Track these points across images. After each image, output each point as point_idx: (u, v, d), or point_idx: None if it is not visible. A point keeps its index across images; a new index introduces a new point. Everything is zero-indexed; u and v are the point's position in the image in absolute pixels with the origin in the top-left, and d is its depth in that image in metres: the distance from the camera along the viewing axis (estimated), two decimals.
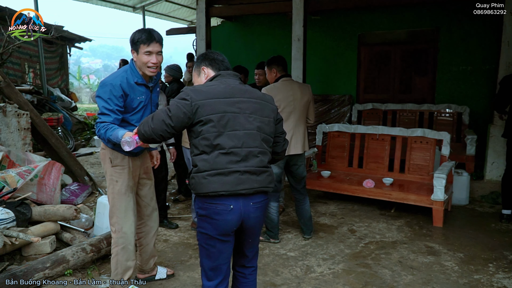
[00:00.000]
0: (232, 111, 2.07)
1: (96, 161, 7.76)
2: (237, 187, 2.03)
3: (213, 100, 2.06)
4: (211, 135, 2.03)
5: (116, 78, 2.67)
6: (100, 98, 2.64)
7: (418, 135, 5.16)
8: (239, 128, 2.07)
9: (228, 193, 2.02)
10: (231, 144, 2.04)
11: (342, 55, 8.15)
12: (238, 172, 2.04)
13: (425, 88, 7.73)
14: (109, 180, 2.86)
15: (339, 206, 5.16)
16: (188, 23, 12.19)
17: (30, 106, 5.16)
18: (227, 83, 2.16)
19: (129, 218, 2.87)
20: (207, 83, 2.18)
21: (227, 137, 2.04)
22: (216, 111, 2.04)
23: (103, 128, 2.61)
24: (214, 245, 2.11)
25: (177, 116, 2.04)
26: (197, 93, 2.07)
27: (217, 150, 2.04)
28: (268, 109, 2.21)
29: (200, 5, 6.89)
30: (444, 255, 3.72)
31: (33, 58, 10.60)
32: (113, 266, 2.88)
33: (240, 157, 2.05)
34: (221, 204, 2.04)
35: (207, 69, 2.29)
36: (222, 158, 2.03)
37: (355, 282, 3.24)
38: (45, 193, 4.13)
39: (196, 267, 3.48)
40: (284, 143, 2.35)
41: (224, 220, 2.05)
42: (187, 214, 4.81)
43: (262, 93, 2.27)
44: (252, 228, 2.17)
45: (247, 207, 2.08)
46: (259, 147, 2.12)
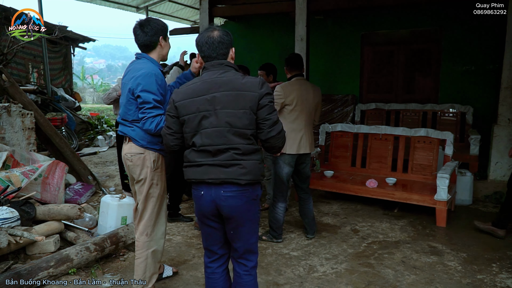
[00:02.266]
0: (205, 109, 2.14)
1: (100, 161, 7.79)
2: (204, 176, 2.19)
3: (188, 101, 2.17)
4: (188, 135, 2.21)
5: (152, 68, 2.65)
6: (147, 92, 2.56)
7: (421, 135, 5.15)
8: (209, 126, 2.15)
9: (197, 181, 2.22)
10: (200, 143, 2.16)
11: (345, 55, 8.14)
12: (207, 165, 2.18)
13: (429, 88, 7.70)
14: (148, 185, 2.75)
15: (342, 206, 5.16)
16: (191, 23, 12.21)
17: (34, 106, 5.19)
18: (205, 78, 2.19)
19: (163, 220, 2.88)
20: (190, 82, 2.27)
21: (200, 136, 2.17)
22: (190, 112, 2.17)
23: (162, 121, 2.56)
24: (202, 226, 2.35)
25: (170, 121, 2.25)
26: (176, 95, 2.22)
27: (192, 147, 2.22)
28: (245, 99, 2.11)
29: (203, 5, 6.90)
30: (447, 255, 3.71)
31: (37, 58, 10.64)
32: (141, 270, 2.81)
33: (210, 154, 2.17)
34: (196, 190, 2.25)
35: (198, 55, 2.35)
36: (194, 154, 2.21)
37: (358, 282, 3.24)
38: (49, 192, 4.16)
39: (199, 267, 3.49)
40: (269, 130, 2.18)
41: (199, 204, 2.27)
42: (190, 214, 4.82)
43: (244, 81, 2.14)
44: (230, 218, 2.23)
45: (218, 195, 2.19)
46: (227, 144, 2.14)
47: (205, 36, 2.21)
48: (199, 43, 2.24)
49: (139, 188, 2.79)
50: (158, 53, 2.76)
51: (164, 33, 2.73)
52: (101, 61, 66.99)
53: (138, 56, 2.76)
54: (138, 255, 2.83)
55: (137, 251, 2.84)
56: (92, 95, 24.50)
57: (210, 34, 2.21)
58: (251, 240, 2.31)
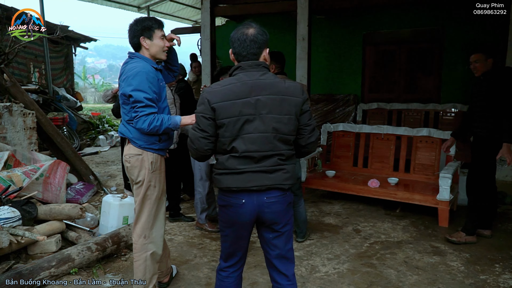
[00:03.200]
0: (248, 113, 2.01)
1: (101, 161, 7.79)
2: (247, 183, 2.06)
3: (228, 103, 2.01)
4: (226, 139, 2.05)
5: (144, 66, 2.60)
6: (139, 90, 2.53)
7: (423, 135, 5.13)
8: (254, 131, 2.02)
9: (239, 189, 2.08)
10: (244, 148, 2.03)
11: (347, 54, 8.13)
12: (249, 172, 2.06)
13: (431, 88, 7.69)
14: (145, 187, 2.71)
15: (344, 206, 5.14)
16: (192, 23, 12.21)
17: (35, 105, 5.19)
18: (245, 79, 2.04)
19: (161, 222, 2.83)
20: (225, 81, 2.09)
21: (242, 140, 2.03)
22: (231, 115, 2.01)
23: (155, 120, 2.53)
24: (229, 232, 2.21)
25: (205, 124, 2.05)
26: (213, 95, 2.03)
27: (229, 154, 2.06)
28: (289, 104, 2.06)
29: (205, 5, 6.89)
30: (449, 255, 3.70)
31: (39, 58, 10.65)
32: (141, 272, 2.76)
33: (253, 160, 2.06)
34: (234, 198, 2.10)
35: (231, 53, 2.15)
36: (233, 160, 2.06)
37: (360, 282, 3.22)
38: (50, 192, 4.15)
39: (201, 267, 3.48)
40: (309, 136, 2.17)
41: (237, 212, 2.12)
42: (191, 214, 4.82)
43: (287, 85, 2.09)
44: (271, 224, 2.15)
45: (261, 201, 2.09)
46: (273, 150, 2.07)
47: (238, 32, 2.10)
48: (232, 38, 2.12)
49: (136, 190, 2.74)
50: (146, 52, 2.70)
51: (145, 33, 2.65)
52: (102, 61, 67.05)
53: (130, 55, 2.73)
54: (137, 257, 2.78)
55: (135, 254, 2.80)
56: (93, 95, 24.52)
57: (244, 30, 2.09)
58: (288, 246, 2.24)
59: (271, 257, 2.23)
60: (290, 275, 2.24)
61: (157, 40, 2.68)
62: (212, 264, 3.54)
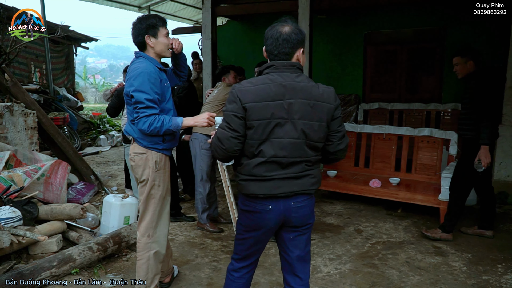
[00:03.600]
0: (279, 116, 1.92)
1: (102, 161, 7.79)
2: (275, 190, 2.00)
3: (261, 104, 1.91)
4: (255, 142, 1.96)
5: (147, 66, 2.58)
6: (140, 91, 2.51)
7: (425, 135, 5.12)
8: (284, 136, 1.94)
9: (265, 196, 2.01)
10: (272, 153, 1.95)
11: (348, 54, 8.12)
12: (277, 179, 2.00)
13: (432, 88, 7.67)
14: (149, 186, 2.70)
15: (345, 206, 5.13)
16: (193, 22, 12.20)
17: (36, 105, 5.19)
18: (279, 81, 1.95)
19: (166, 222, 2.83)
20: (257, 80, 1.97)
21: (270, 144, 1.95)
22: (262, 117, 1.92)
23: (156, 121, 2.52)
24: (249, 237, 2.16)
25: (237, 123, 1.94)
26: (245, 94, 1.92)
27: (257, 158, 1.98)
28: (322, 111, 1.98)
29: (206, 5, 6.89)
30: (452, 256, 3.69)
31: (40, 57, 10.66)
32: (143, 271, 2.76)
33: (280, 166, 1.99)
34: (260, 204, 2.03)
35: (264, 51, 2.06)
36: (260, 167, 1.98)
37: (362, 283, 3.21)
38: (51, 192, 4.15)
39: (202, 267, 3.47)
40: (339, 143, 2.10)
41: (262, 218, 2.06)
42: (192, 214, 4.81)
43: (321, 90, 2.01)
44: (294, 226, 2.12)
45: (288, 207, 2.05)
46: (302, 157, 2.00)
47: (273, 29, 2.01)
48: (266, 35, 2.03)
49: (141, 189, 2.75)
50: (151, 51, 2.69)
51: (150, 31, 2.63)
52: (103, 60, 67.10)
53: (136, 55, 2.73)
54: (140, 256, 2.79)
55: (138, 253, 2.80)
56: (94, 95, 24.54)
57: (279, 28, 2.00)
58: (307, 248, 2.21)
59: (291, 259, 2.18)
60: (306, 278, 2.21)
61: (162, 38, 2.67)
62: (214, 264, 3.54)
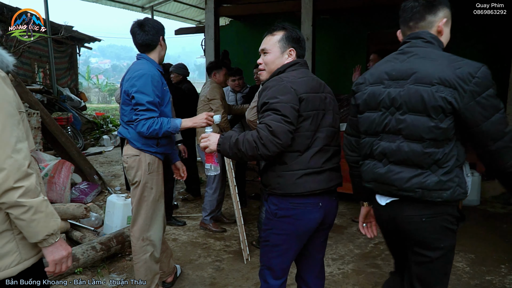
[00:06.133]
0: (323, 107, 1.98)
1: (105, 160, 7.81)
2: (329, 184, 1.99)
3: (312, 95, 1.93)
4: (310, 133, 1.93)
5: (149, 69, 2.59)
6: (142, 93, 2.51)
7: None
8: (329, 126, 2.00)
9: (321, 191, 1.96)
10: (323, 141, 1.96)
11: (351, 54, 8.11)
12: (328, 170, 2.00)
13: None
14: (142, 188, 2.68)
15: (348, 206, 5.13)
16: (196, 23, 12.22)
17: (40, 105, 5.21)
18: (311, 76, 2.04)
19: (159, 225, 2.80)
20: (298, 73, 1.98)
21: (321, 133, 1.96)
22: (315, 107, 1.94)
23: (155, 123, 2.52)
24: (292, 244, 2.04)
25: (295, 116, 1.86)
26: (298, 86, 1.90)
27: (312, 148, 1.94)
28: (337, 105, 2.13)
29: (209, 5, 6.89)
30: (455, 256, 3.67)
31: (43, 58, 10.70)
32: (142, 273, 2.75)
33: (328, 155, 2.00)
34: (311, 203, 1.97)
35: (295, 53, 2.08)
36: (317, 157, 1.94)
37: (365, 283, 3.21)
38: (55, 191, 4.16)
39: (205, 266, 3.48)
40: None
41: (310, 219, 1.99)
42: (195, 213, 4.82)
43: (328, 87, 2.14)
44: (328, 225, 2.14)
45: (331, 203, 2.07)
46: (339, 145, 2.09)
47: (299, 32, 2.13)
48: (300, 37, 2.10)
49: (133, 191, 2.72)
50: (158, 53, 2.71)
51: (164, 33, 2.71)
52: (106, 61, 67.31)
53: (138, 57, 2.73)
54: (136, 259, 2.77)
55: (134, 256, 2.78)
56: (97, 95, 24.64)
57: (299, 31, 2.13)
58: (326, 248, 2.25)
59: (316, 262, 2.19)
60: (324, 280, 2.26)
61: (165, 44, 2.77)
62: (216, 264, 3.54)
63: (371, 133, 1.81)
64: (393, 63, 1.77)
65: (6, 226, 1.40)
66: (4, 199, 1.32)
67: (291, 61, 2.06)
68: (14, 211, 1.34)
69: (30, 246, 1.45)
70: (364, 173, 1.89)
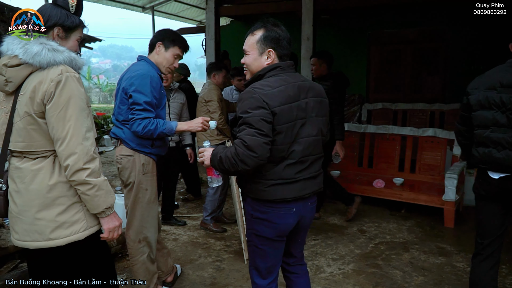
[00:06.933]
0: (301, 116, 1.94)
1: (106, 160, 7.82)
2: (301, 192, 2.01)
3: (286, 107, 1.89)
4: (285, 146, 1.92)
5: (149, 70, 2.59)
6: (139, 93, 2.50)
7: (429, 135, 5.11)
8: (308, 135, 1.97)
9: (293, 199, 1.99)
10: (300, 153, 1.96)
11: (352, 54, 8.11)
12: (303, 180, 2.01)
13: (436, 88, 7.65)
14: (136, 189, 2.67)
15: (348, 206, 5.12)
16: (197, 23, 12.21)
17: None
18: (292, 81, 1.96)
19: (154, 226, 2.79)
20: (274, 82, 1.92)
21: (298, 145, 1.95)
22: (289, 120, 1.90)
23: (150, 124, 2.51)
24: (271, 246, 2.09)
25: (268, 128, 1.85)
26: (271, 98, 1.86)
27: (287, 160, 1.94)
28: (325, 106, 2.09)
29: (209, 5, 6.90)
30: (455, 256, 3.68)
31: None
32: (141, 274, 2.75)
33: (306, 165, 2.00)
34: (284, 208, 1.99)
35: (274, 53, 2.01)
36: (290, 169, 1.95)
37: (365, 283, 3.21)
38: None
39: (205, 266, 3.48)
40: (328, 136, 2.26)
41: (283, 223, 2.02)
42: (196, 213, 4.82)
43: (319, 86, 2.08)
44: (305, 227, 2.18)
45: (305, 208, 2.08)
46: (320, 153, 2.08)
47: (282, 29, 2.03)
48: (281, 36, 2.00)
49: (127, 193, 2.70)
50: (154, 57, 2.70)
51: (165, 40, 2.67)
52: (107, 61, 67.39)
53: (138, 58, 2.74)
54: (134, 261, 2.77)
55: (131, 258, 2.78)
56: (98, 95, 24.67)
57: (283, 29, 2.04)
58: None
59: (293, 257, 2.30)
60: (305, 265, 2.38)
61: (170, 55, 2.70)
62: (217, 264, 3.54)
63: (483, 126, 2.30)
64: (503, 74, 2.29)
65: (76, 199, 1.72)
66: (75, 177, 1.64)
67: (271, 64, 2.00)
68: (81, 188, 1.67)
69: (93, 216, 1.78)
70: (480, 157, 2.35)
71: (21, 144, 1.69)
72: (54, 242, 1.70)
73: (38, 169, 1.69)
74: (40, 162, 1.69)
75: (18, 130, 1.69)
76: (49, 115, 1.64)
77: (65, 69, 1.67)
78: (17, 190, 1.73)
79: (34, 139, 1.67)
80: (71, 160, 1.63)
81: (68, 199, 1.71)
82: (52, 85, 1.62)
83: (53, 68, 1.66)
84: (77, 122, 1.64)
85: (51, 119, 1.64)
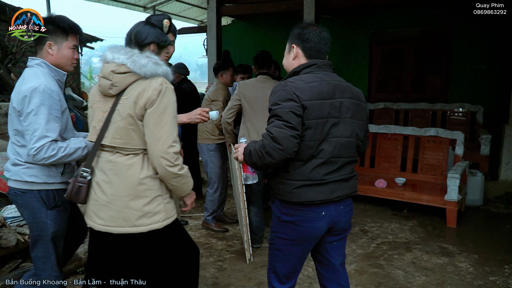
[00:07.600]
0: (334, 115, 1.89)
1: None
2: (331, 195, 1.94)
3: (318, 102, 1.85)
4: (315, 143, 1.87)
5: None
6: None
7: (431, 135, 5.09)
8: (340, 135, 1.92)
9: (322, 202, 1.93)
10: (330, 153, 1.90)
11: (353, 54, 8.09)
12: (333, 182, 1.94)
13: (438, 87, 7.63)
14: None
15: None
16: (198, 22, 12.20)
17: None
18: (327, 79, 1.93)
19: None
20: (307, 78, 1.91)
21: (328, 144, 1.89)
22: (321, 116, 1.86)
23: None
24: (295, 250, 2.03)
25: (297, 121, 1.82)
26: (302, 92, 1.84)
27: (316, 159, 1.89)
28: (363, 110, 2.04)
29: (211, 4, 6.89)
30: (458, 256, 3.66)
31: None
32: None
33: (336, 166, 1.94)
34: (312, 212, 1.94)
35: (297, 48, 2.03)
36: (319, 169, 1.90)
37: (367, 283, 3.20)
38: None
39: (207, 266, 3.47)
40: (367, 142, 2.18)
41: (312, 227, 1.96)
42: (197, 213, 4.81)
43: (357, 90, 2.05)
44: (340, 230, 2.07)
45: (338, 211, 2.00)
46: (353, 156, 2.02)
47: (310, 29, 2.03)
48: (304, 35, 2.01)
49: None
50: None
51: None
52: None
53: None
54: None
55: None
56: None
57: (315, 28, 2.04)
58: (344, 252, 2.18)
59: (334, 267, 2.12)
60: (348, 286, 2.16)
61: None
62: (219, 264, 3.53)
63: None
64: None
65: (159, 192, 1.96)
66: (169, 172, 1.89)
67: (308, 62, 1.99)
68: (174, 180, 1.93)
69: (170, 209, 2.02)
70: None
71: (119, 141, 1.90)
72: (138, 228, 1.92)
73: (131, 164, 1.91)
74: (132, 158, 1.91)
75: (117, 128, 1.89)
76: (148, 118, 1.85)
77: (164, 80, 1.90)
78: (108, 181, 1.93)
79: (131, 137, 1.89)
80: (166, 158, 1.86)
81: (153, 192, 1.94)
82: (154, 93, 1.85)
83: (155, 79, 1.88)
84: (170, 126, 1.88)
85: (149, 123, 1.85)
